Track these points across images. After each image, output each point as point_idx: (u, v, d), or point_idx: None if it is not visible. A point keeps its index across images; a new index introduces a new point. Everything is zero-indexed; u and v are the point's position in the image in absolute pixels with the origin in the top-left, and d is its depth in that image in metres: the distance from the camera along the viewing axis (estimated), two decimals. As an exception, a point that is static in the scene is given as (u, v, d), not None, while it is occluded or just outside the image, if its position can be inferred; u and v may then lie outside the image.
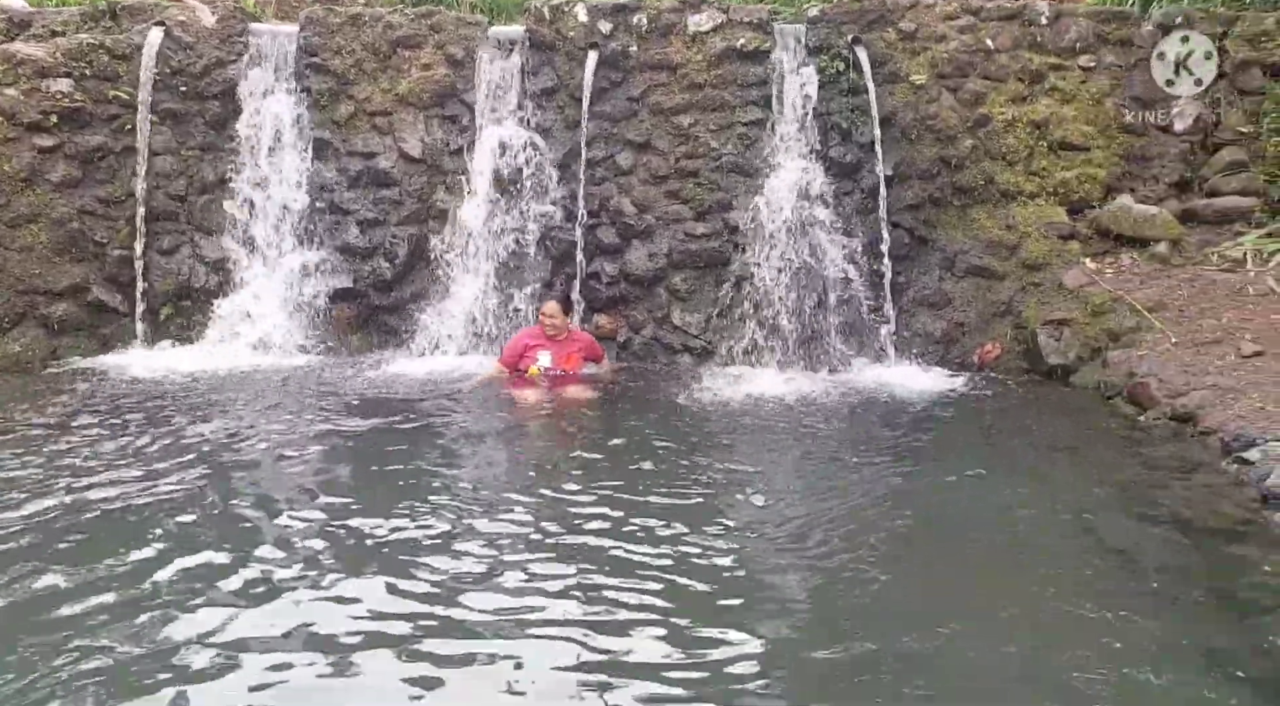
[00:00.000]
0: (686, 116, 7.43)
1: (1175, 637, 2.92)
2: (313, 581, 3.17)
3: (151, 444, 4.71)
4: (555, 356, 6.39)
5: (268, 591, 3.10)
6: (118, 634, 2.78)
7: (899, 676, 2.69)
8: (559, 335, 6.43)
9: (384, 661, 2.69)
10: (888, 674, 2.71)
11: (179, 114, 7.33)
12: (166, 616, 2.89)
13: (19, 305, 6.95)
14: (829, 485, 4.41)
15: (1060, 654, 2.80)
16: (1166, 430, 5.18)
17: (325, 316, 7.32)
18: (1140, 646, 2.85)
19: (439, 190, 7.44)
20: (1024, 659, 2.80)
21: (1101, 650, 2.82)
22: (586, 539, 3.61)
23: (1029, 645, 2.87)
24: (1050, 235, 7.21)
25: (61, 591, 3.05)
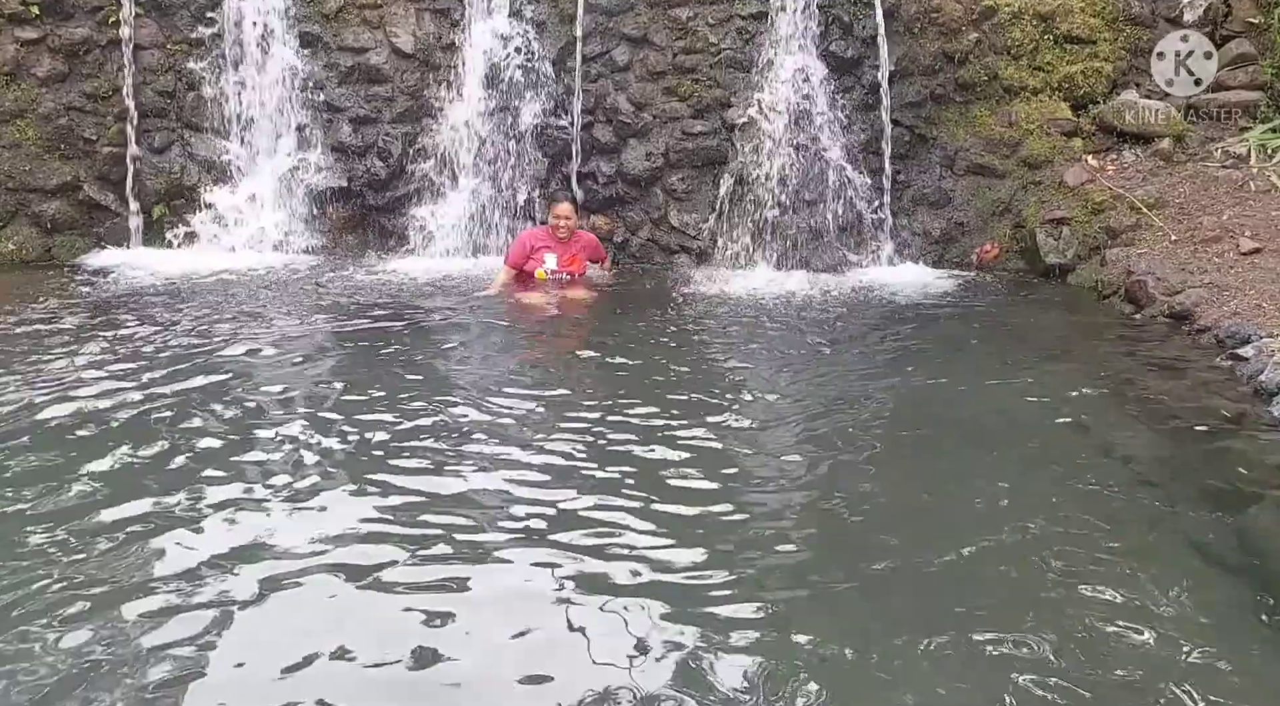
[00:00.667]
0: (684, 9, 7.23)
1: (1162, 527, 3.00)
2: (302, 490, 3.17)
3: (143, 342, 4.72)
4: (560, 258, 6.34)
5: (254, 501, 3.08)
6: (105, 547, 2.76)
7: (890, 567, 2.76)
8: (568, 236, 6.39)
9: (378, 579, 2.72)
10: (881, 566, 2.78)
11: (164, 6, 7.13)
12: (148, 528, 2.87)
13: (10, 203, 6.89)
14: (824, 382, 4.46)
15: (1049, 544, 2.87)
16: (1162, 328, 5.22)
17: (320, 216, 7.25)
18: (1128, 536, 2.93)
19: (431, 86, 7.29)
20: (1012, 548, 2.87)
21: (1089, 539, 2.89)
22: (585, 437, 3.65)
23: (1017, 535, 2.94)
24: (1052, 132, 7.10)
25: (38, 496, 3.03)
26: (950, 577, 2.71)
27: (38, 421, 3.64)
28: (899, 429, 3.89)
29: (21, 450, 3.39)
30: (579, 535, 2.89)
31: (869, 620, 2.51)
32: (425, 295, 6.00)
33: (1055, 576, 2.69)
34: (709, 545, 2.85)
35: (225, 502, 3.01)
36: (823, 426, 3.85)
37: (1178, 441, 3.74)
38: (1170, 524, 3.04)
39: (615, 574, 2.67)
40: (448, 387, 4.19)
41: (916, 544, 2.89)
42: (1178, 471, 3.47)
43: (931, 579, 2.70)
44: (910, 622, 2.47)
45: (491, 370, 4.58)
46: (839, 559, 2.83)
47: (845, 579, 2.70)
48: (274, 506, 3.02)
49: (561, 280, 6.34)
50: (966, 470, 3.49)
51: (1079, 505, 3.13)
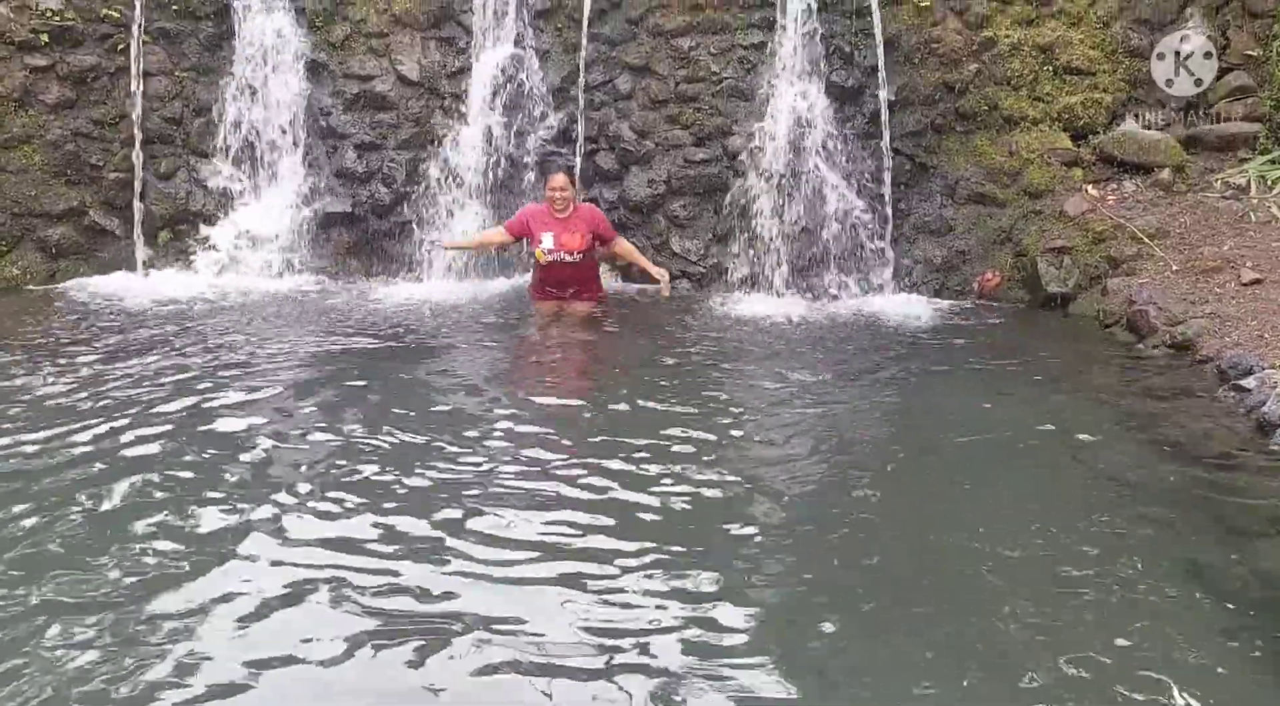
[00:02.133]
0: (687, 39, 7.30)
1: (1165, 558, 2.99)
2: (313, 506, 3.22)
3: (147, 367, 4.73)
4: (558, 237, 6.21)
5: (256, 520, 3.12)
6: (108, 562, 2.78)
7: (893, 588, 2.77)
8: (565, 211, 6.26)
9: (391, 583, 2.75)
10: (883, 585, 2.78)
11: (172, 33, 7.20)
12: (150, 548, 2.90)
13: (16, 228, 6.92)
14: (825, 408, 4.46)
15: (1050, 573, 2.87)
16: (1164, 358, 5.22)
17: (323, 241, 7.29)
18: (1130, 566, 2.93)
19: (437, 114, 7.35)
20: (1013, 575, 2.87)
21: (1091, 570, 2.89)
22: (587, 459, 3.66)
23: (1019, 562, 2.94)
24: (1053, 162, 7.14)
25: (41, 519, 3.05)
26: (946, 609, 2.70)
27: (40, 440, 3.64)
28: (900, 455, 3.89)
29: (23, 468, 3.39)
30: (579, 551, 2.91)
31: (865, 653, 2.51)
32: (427, 319, 6.01)
33: (1054, 606, 2.69)
34: (710, 566, 2.86)
35: (219, 528, 3.01)
36: (823, 452, 3.85)
37: (1181, 472, 3.73)
38: (1173, 554, 3.03)
39: (619, 595, 2.67)
40: (446, 413, 4.19)
41: (915, 571, 2.89)
42: (1180, 502, 3.47)
43: (927, 611, 2.69)
44: (905, 652, 2.47)
45: (491, 396, 4.58)
46: (836, 589, 2.82)
47: (841, 610, 2.70)
48: (263, 526, 3.03)
49: (562, 261, 6.24)
50: (966, 499, 3.49)
51: (1079, 534, 3.13)
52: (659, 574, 2.81)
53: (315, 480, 3.39)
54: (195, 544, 2.91)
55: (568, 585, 2.74)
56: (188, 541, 2.92)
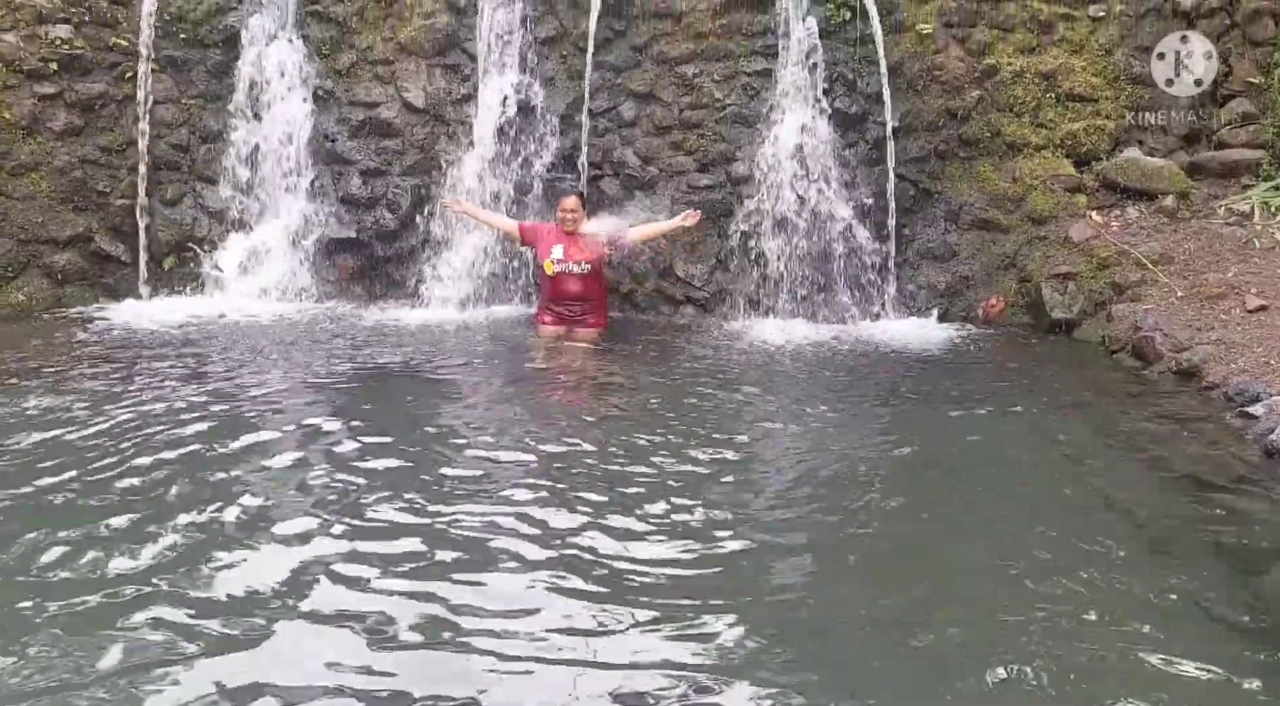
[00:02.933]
0: (691, 66, 7.35)
1: (1170, 586, 2.97)
2: (317, 528, 3.20)
3: (151, 392, 4.73)
4: (567, 248, 6.38)
5: (261, 542, 3.11)
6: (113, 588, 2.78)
7: (897, 613, 2.75)
8: (575, 230, 6.42)
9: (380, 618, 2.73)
10: (886, 610, 2.76)
11: (179, 62, 7.26)
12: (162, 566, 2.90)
13: (22, 254, 6.94)
14: (831, 432, 4.45)
15: (1052, 598, 2.85)
16: (1170, 384, 5.21)
17: (328, 266, 7.31)
18: (1135, 593, 2.91)
19: (441, 140, 7.39)
20: (1015, 600, 2.85)
21: (1096, 596, 2.87)
22: (594, 481, 3.65)
23: (1021, 587, 2.93)
24: (1056, 188, 7.16)
25: (51, 542, 3.04)
26: (949, 633, 2.68)
27: (45, 467, 3.64)
28: (904, 479, 3.88)
29: (26, 493, 3.39)
30: (587, 572, 2.90)
31: (865, 674, 2.48)
32: (431, 345, 6.01)
33: (1057, 631, 2.66)
34: (716, 589, 2.85)
35: (226, 550, 3.00)
36: (827, 478, 3.84)
37: (1188, 499, 3.72)
38: (1179, 581, 3.01)
39: (622, 618, 2.65)
40: (448, 443, 4.17)
41: (918, 593, 2.88)
42: (1187, 528, 3.45)
43: (930, 632, 2.67)
44: (908, 676, 2.44)
45: (496, 422, 4.57)
46: (839, 608, 2.82)
47: (845, 627, 2.69)
48: (273, 548, 3.02)
49: (569, 272, 6.35)
50: (969, 524, 3.47)
51: (1086, 560, 3.11)
52: (664, 598, 2.79)
53: (317, 509, 3.38)
54: (194, 568, 2.89)
55: (573, 610, 2.72)
56: (187, 566, 2.90)
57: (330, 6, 7.40)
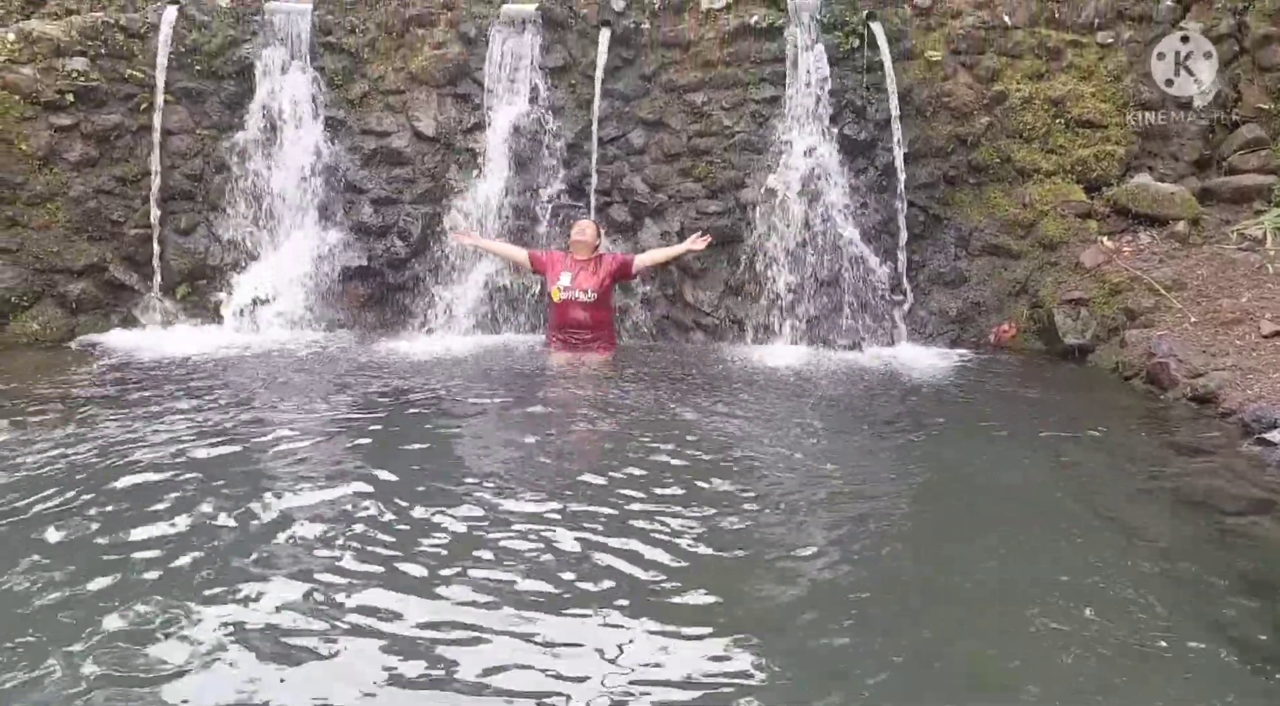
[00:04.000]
0: (699, 94, 7.39)
1: (1190, 614, 2.93)
2: (326, 560, 3.19)
3: (164, 421, 4.73)
4: (575, 276, 6.46)
5: (277, 571, 3.09)
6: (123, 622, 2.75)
7: (909, 642, 2.72)
8: (585, 257, 6.48)
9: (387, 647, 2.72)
10: (901, 641, 2.73)
11: (194, 93, 7.33)
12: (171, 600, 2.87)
13: (37, 284, 6.99)
14: (841, 459, 4.42)
15: (1069, 626, 2.81)
16: (1186, 410, 5.17)
17: (339, 294, 7.34)
18: (1154, 622, 2.86)
19: (452, 168, 7.44)
20: (1030, 629, 2.81)
21: (1111, 624, 2.83)
22: (608, 510, 3.63)
23: (1041, 617, 2.88)
24: (1067, 213, 7.16)
25: (61, 572, 3.03)
26: (965, 664, 2.64)
27: (60, 496, 3.64)
28: (916, 506, 3.84)
29: (41, 522, 3.38)
30: (595, 595, 2.87)
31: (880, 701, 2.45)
32: (442, 372, 6.01)
33: (1074, 660, 2.62)
34: (724, 614, 2.83)
35: (215, 577, 2.98)
36: (838, 503, 3.81)
37: (1206, 527, 3.67)
38: (1196, 609, 2.96)
39: (631, 652, 2.62)
40: (457, 470, 4.16)
41: (929, 626, 2.83)
42: (1205, 556, 3.40)
43: (947, 661, 2.63)
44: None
45: (504, 451, 4.56)
46: (852, 636, 2.78)
47: (859, 654, 2.65)
48: (286, 580, 3.00)
49: (576, 299, 6.41)
50: (983, 552, 3.42)
51: (1099, 588, 3.07)
52: (673, 630, 2.76)
53: (326, 539, 3.37)
54: (207, 598, 2.88)
55: (583, 641, 2.69)
56: (199, 595, 2.89)
57: (343, 38, 7.48)
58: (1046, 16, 7.44)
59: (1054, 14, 7.44)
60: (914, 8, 7.40)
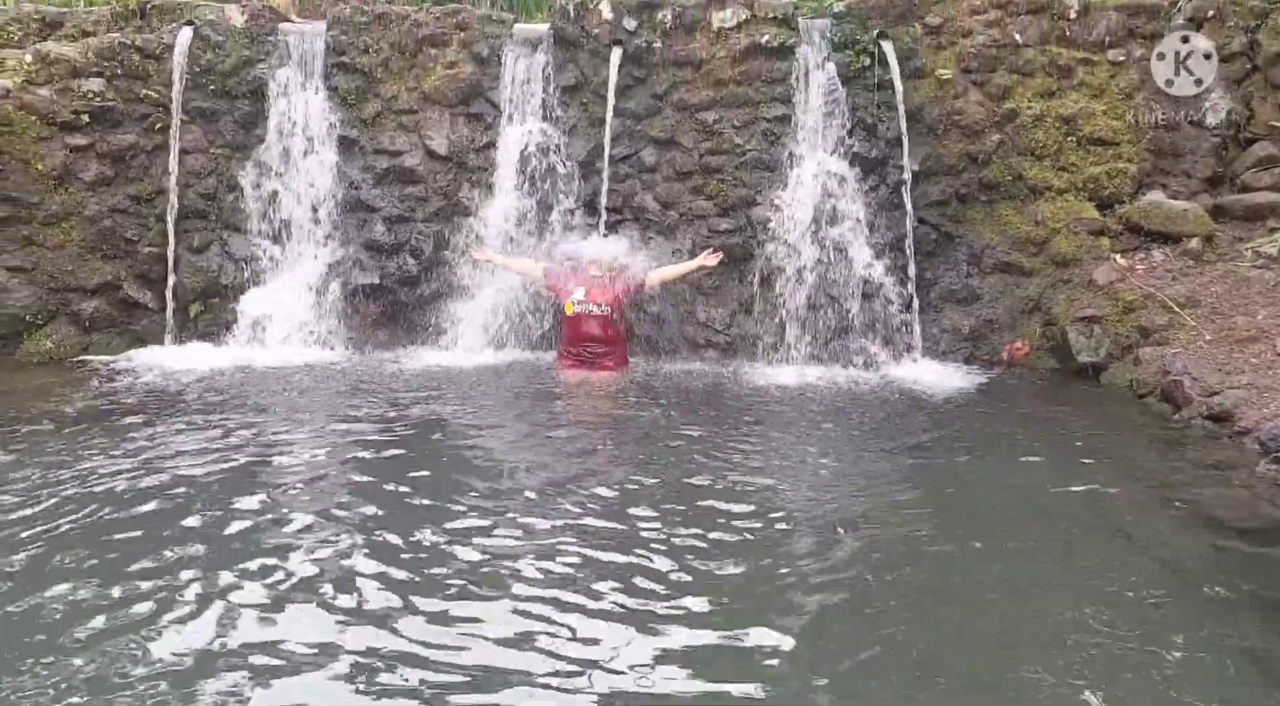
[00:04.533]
0: (711, 113, 7.41)
1: (1208, 636, 2.90)
2: (342, 581, 3.19)
3: (176, 439, 4.74)
4: (589, 290, 6.55)
5: (289, 592, 3.09)
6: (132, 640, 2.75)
7: (921, 662, 2.69)
8: (600, 273, 6.59)
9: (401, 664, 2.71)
10: (917, 662, 2.70)
11: (209, 112, 7.39)
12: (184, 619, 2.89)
13: (51, 303, 7.03)
14: (854, 478, 4.40)
15: (1086, 649, 2.78)
16: (1201, 429, 5.13)
17: (351, 312, 7.36)
18: (1172, 643, 2.83)
19: (464, 187, 7.47)
20: (1046, 650, 2.78)
21: (1130, 646, 2.80)
22: (621, 526, 3.62)
23: (1052, 637, 2.86)
24: (1080, 231, 7.14)
25: (70, 591, 3.04)
26: (976, 686, 2.61)
27: (74, 515, 3.64)
28: (932, 525, 3.80)
29: (54, 541, 3.39)
30: (607, 613, 2.86)
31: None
32: (453, 389, 6.01)
33: (1090, 684, 2.59)
34: (735, 634, 2.82)
35: (220, 598, 2.98)
36: (851, 522, 3.78)
37: (1224, 547, 3.63)
38: (1214, 631, 2.93)
39: (642, 674, 2.60)
40: (469, 488, 4.15)
41: (943, 646, 2.81)
42: (1222, 578, 3.36)
43: (961, 680, 2.61)
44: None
45: (517, 470, 4.54)
46: (862, 655, 2.75)
47: (867, 675, 2.62)
48: (272, 596, 2.99)
49: (589, 313, 6.48)
50: (998, 573, 3.40)
51: (1120, 610, 3.04)
52: (682, 652, 2.74)
53: (338, 558, 3.36)
54: (220, 619, 2.87)
55: (595, 667, 2.67)
56: (211, 615, 2.88)
57: (356, 58, 7.53)
58: (1057, 35, 7.45)
59: (1065, 32, 7.45)
60: (925, 26, 7.41)
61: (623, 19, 7.44)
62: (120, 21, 7.57)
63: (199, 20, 7.40)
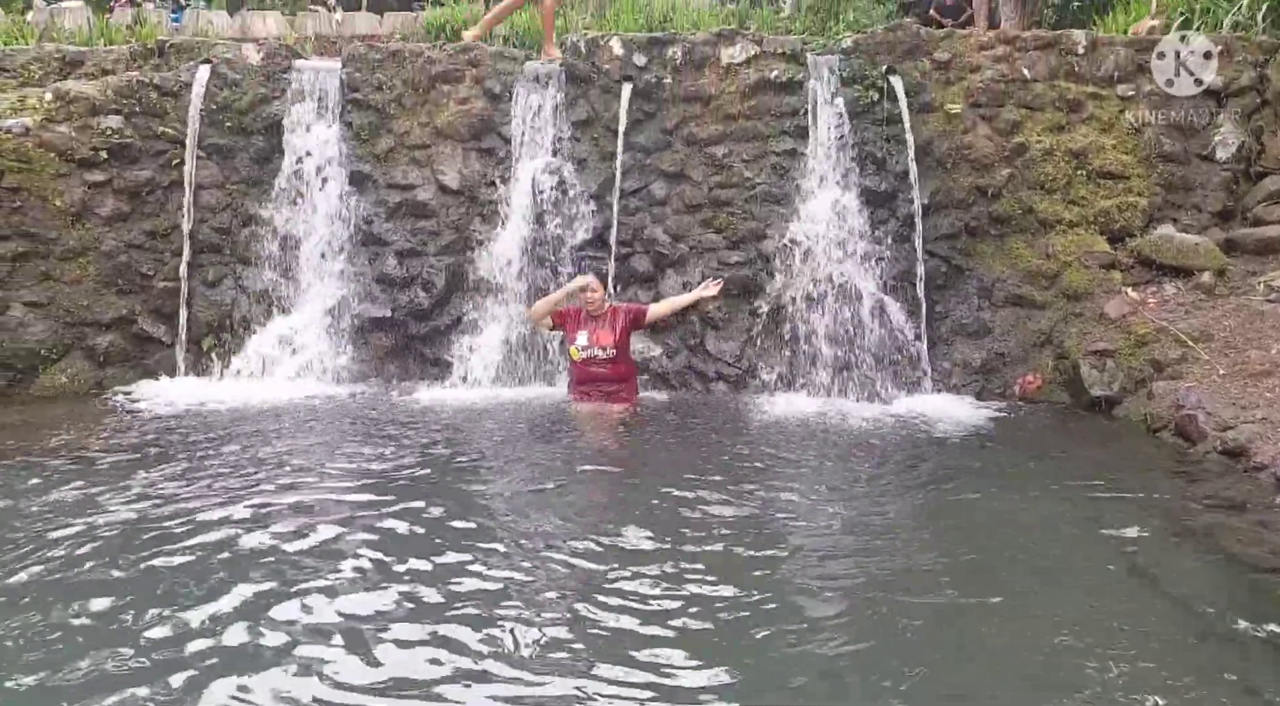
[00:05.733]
0: (720, 147, 7.46)
1: (1223, 675, 2.86)
2: (356, 616, 3.18)
3: (186, 473, 4.75)
4: (591, 333, 6.54)
5: (301, 628, 3.09)
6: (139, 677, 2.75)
7: (939, 698, 2.66)
8: (598, 311, 6.55)
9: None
10: (927, 695, 2.67)
11: (224, 149, 7.48)
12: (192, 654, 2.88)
13: (67, 337, 7.09)
14: (866, 513, 4.37)
15: (1101, 690, 2.74)
16: (1216, 464, 5.08)
17: (363, 346, 7.40)
18: (1187, 682, 2.79)
19: (475, 221, 7.53)
20: (1062, 692, 2.74)
21: (1146, 689, 2.76)
22: (631, 567, 3.59)
23: (1066, 677, 2.82)
24: (1091, 264, 7.13)
25: (85, 623, 3.05)
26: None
27: (88, 552, 3.65)
28: (944, 562, 3.77)
29: (69, 576, 3.39)
30: (620, 651, 2.83)
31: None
32: (465, 423, 6.02)
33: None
34: (753, 669, 2.79)
35: (231, 636, 2.97)
36: (863, 558, 3.75)
37: (1241, 584, 3.59)
38: (1234, 672, 2.88)
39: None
40: (481, 523, 4.14)
41: (961, 678, 2.77)
42: (1241, 615, 3.31)
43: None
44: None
45: (529, 506, 4.53)
46: (878, 694, 2.71)
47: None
48: (283, 631, 2.98)
49: (595, 357, 6.50)
50: (1012, 611, 3.35)
51: (1135, 647, 3.00)
52: (693, 689, 2.72)
53: (353, 596, 3.35)
54: (234, 655, 2.87)
55: (609, 697, 2.65)
56: (225, 652, 2.88)
57: (370, 94, 7.63)
58: (1066, 70, 7.49)
59: (1073, 67, 7.48)
60: (933, 62, 7.46)
61: (633, 55, 7.53)
62: (139, 60, 7.71)
63: (216, 58, 7.51)
